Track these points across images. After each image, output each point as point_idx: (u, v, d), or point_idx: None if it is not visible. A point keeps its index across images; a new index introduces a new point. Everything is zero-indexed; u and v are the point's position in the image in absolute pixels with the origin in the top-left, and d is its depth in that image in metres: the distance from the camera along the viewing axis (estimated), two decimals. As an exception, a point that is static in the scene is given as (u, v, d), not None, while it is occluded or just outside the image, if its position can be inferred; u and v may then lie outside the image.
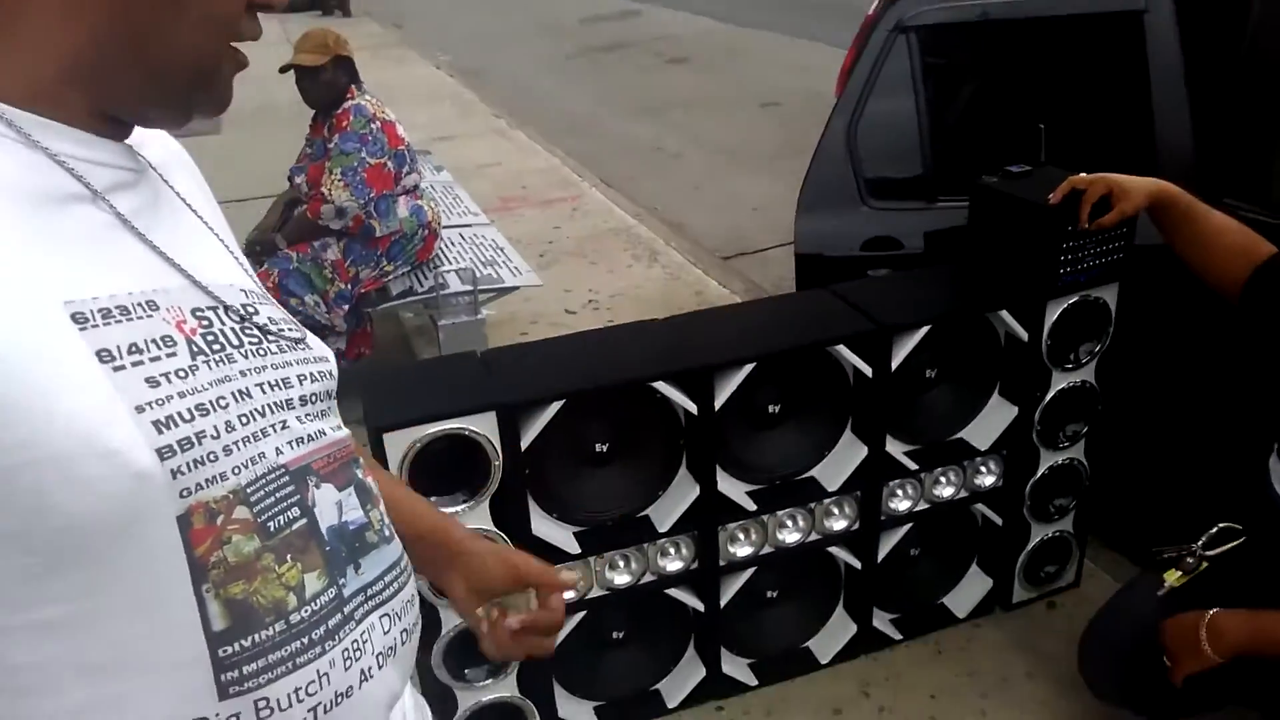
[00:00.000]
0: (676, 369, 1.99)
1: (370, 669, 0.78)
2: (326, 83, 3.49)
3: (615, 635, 2.31)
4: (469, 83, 9.66)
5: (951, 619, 2.56)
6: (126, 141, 0.73)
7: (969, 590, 2.59)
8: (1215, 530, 2.01)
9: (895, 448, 2.29)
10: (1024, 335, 2.28)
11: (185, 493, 0.65)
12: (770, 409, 2.20)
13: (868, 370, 2.14)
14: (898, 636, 2.51)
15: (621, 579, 2.16)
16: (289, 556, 0.71)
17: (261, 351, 0.75)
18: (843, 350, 2.11)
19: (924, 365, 2.30)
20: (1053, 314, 2.28)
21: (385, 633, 0.80)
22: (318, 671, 0.73)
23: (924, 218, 2.76)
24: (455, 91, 9.21)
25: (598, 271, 4.98)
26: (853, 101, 2.77)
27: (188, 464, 0.65)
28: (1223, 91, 2.57)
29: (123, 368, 0.63)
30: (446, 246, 3.84)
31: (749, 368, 2.03)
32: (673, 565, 2.19)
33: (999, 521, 2.50)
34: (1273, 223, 2.37)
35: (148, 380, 0.64)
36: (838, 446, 2.28)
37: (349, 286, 3.52)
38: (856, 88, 2.77)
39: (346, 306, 3.52)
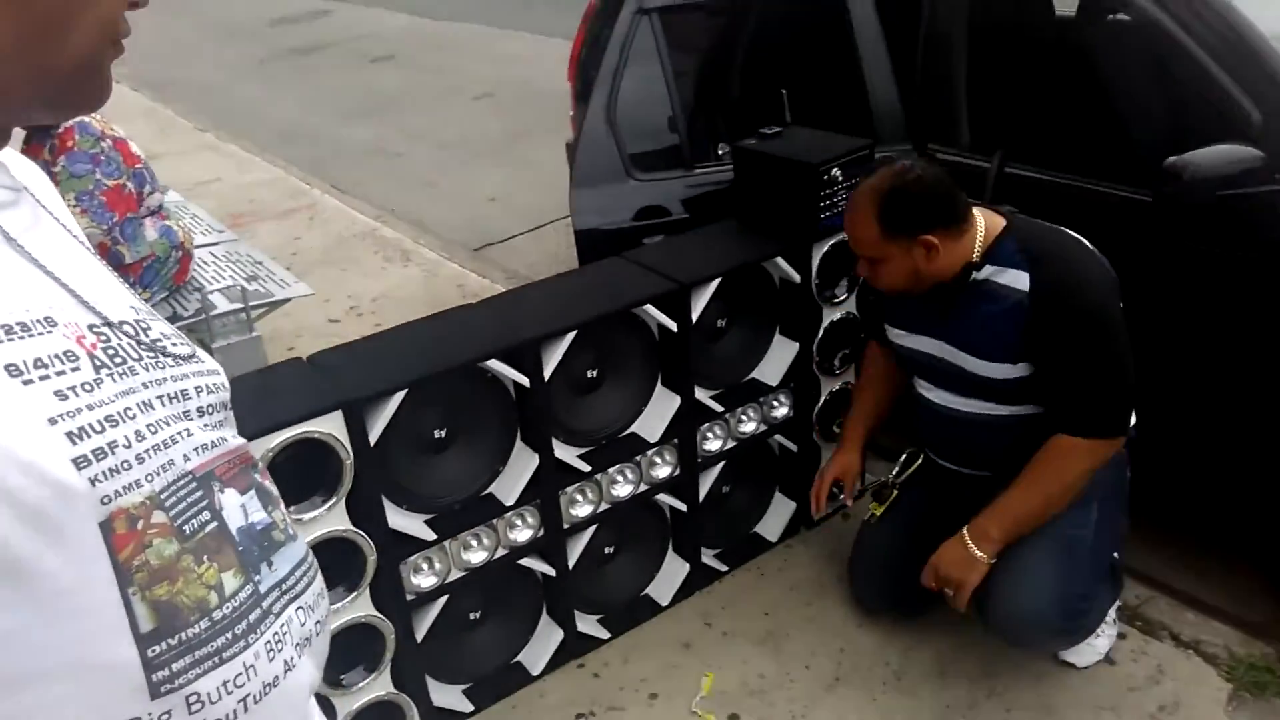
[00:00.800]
0: (507, 346, 2.09)
1: (292, 659, 0.81)
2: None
3: (473, 615, 2.38)
4: (159, 96, 9.02)
5: (766, 545, 2.83)
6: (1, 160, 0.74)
7: (776, 516, 2.86)
8: (904, 457, 2.51)
9: (702, 394, 2.51)
10: (796, 277, 2.56)
11: (106, 499, 0.66)
12: (589, 374, 2.35)
13: (673, 325, 2.33)
14: (724, 569, 2.75)
15: (477, 557, 2.23)
16: (205, 557, 0.73)
17: (160, 365, 0.76)
18: (650, 310, 2.29)
19: (716, 315, 2.53)
20: (817, 255, 2.57)
21: (301, 624, 0.84)
22: (244, 664, 0.76)
23: (685, 184, 2.99)
24: (147, 107, 8.56)
25: (351, 277, 4.90)
26: (607, 83, 2.95)
27: (104, 472, 0.66)
28: (918, 56, 2.97)
29: (31, 382, 0.64)
30: (201, 266, 3.67)
31: (571, 336, 2.17)
32: (522, 535, 2.29)
33: (794, 449, 2.79)
34: (964, 161, 2.80)
35: (56, 394, 0.65)
36: (653, 400, 2.46)
37: (102, 320, 3.29)
38: (609, 70, 2.96)
39: (102, 342, 3.29)
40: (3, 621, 0.64)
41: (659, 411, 2.45)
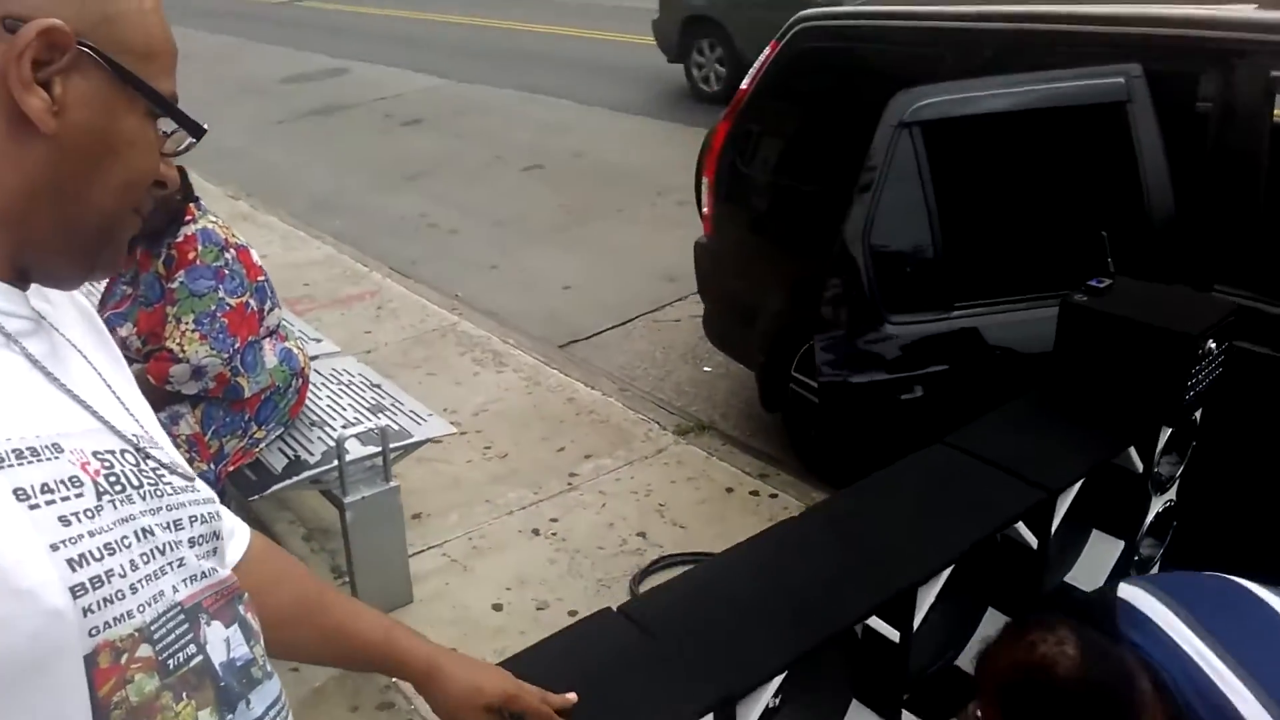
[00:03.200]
0: (885, 596, 1.56)
1: None
2: (159, 202, 2.68)
3: None
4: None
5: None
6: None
7: None
8: None
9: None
10: (1139, 467, 2.07)
11: (94, 631, 0.65)
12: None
13: (1033, 542, 1.83)
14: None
15: None
16: (184, 694, 0.71)
17: (159, 492, 0.76)
18: (1020, 528, 1.79)
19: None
20: (1163, 438, 2.09)
21: None
22: None
23: (944, 328, 2.51)
24: (166, 169, 7.99)
25: (442, 384, 4.35)
26: (864, 210, 2.47)
27: (98, 602, 0.65)
28: (1199, 179, 2.54)
29: (37, 506, 0.65)
30: (313, 393, 3.11)
31: (947, 573, 1.65)
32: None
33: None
34: (1265, 309, 2.36)
35: (60, 519, 0.65)
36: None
37: (211, 466, 2.71)
38: (866, 193, 2.47)
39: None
40: None
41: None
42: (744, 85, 3.84)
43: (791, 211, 3.50)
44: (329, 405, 3.08)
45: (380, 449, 2.76)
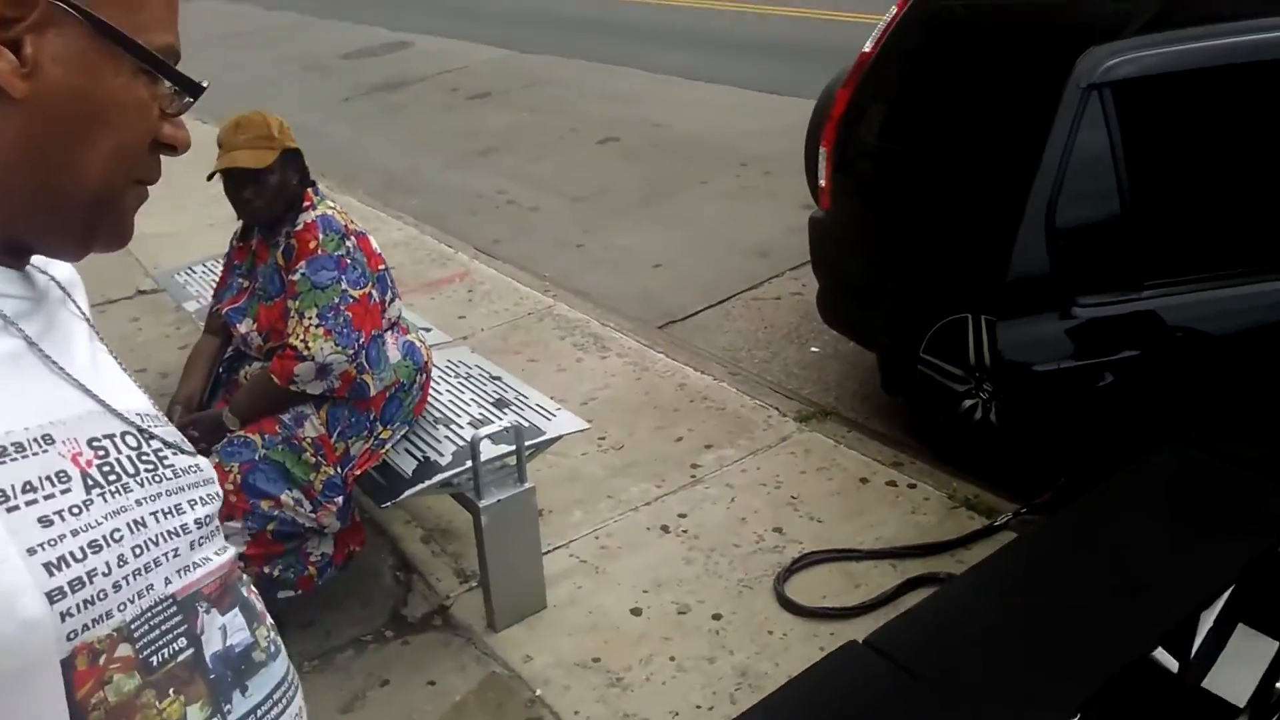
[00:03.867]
0: (1169, 624, 1.36)
1: None
2: (276, 188, 2.54)
3: None
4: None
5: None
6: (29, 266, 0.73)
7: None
8: None
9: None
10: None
11: (72, 635, 0.63)
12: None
13: (1301, 556, 1.61)
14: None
15: None
16: (171, 690, 0.68)
17: (157, 478, 0.73)
18: (1296, 540, 1.57)
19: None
20: None
21: None
22: None
23: (1136, 309, 2.28)
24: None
25: (545, 371, 4.18)
26: (1047, 184, 2.24)
27: (77, 605, 0.63)
28: None
29: (16, 508, 0.62)
30: (433, 388, 2.95)
31: (1227, 595, 1.45)
32: None
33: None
34: None
35: (40, 520, 0.63)
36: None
37: (338, 470, 2.57)
38: (1051, 165, 2.24)
39: (340, 499, 2.56)
40: None
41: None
42: (866, 49, 3.60)
43: (925, 184, 3.26)
44: (450, 401, 2.92)
45: (514, 448, 2.60)
